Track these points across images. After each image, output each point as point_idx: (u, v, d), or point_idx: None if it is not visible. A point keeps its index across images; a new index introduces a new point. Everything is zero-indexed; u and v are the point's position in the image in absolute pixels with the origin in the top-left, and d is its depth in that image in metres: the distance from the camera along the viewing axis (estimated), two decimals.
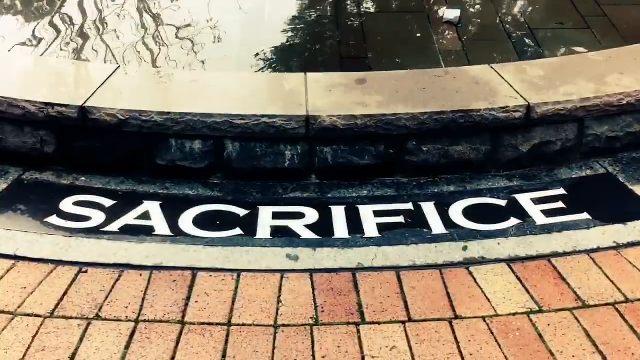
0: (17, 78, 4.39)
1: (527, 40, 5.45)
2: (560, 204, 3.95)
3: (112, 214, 3.85)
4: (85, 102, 4.03)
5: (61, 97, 4.09)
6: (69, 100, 4.06)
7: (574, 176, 4.21)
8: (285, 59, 5.29)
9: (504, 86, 4.25)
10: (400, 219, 3.85)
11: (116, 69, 4.41)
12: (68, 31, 5.54)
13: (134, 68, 4.84)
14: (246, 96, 4.22)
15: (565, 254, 3.57)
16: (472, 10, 6.00)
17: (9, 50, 5.14)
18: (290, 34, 5.69)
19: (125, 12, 5.90)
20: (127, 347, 3.03)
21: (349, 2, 6.12)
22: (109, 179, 4.12)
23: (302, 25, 5.81)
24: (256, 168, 4.12)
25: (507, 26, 5.65)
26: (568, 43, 5.39)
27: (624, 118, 4.28)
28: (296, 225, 3.80)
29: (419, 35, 5.61)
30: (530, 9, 6.03)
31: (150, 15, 5.89)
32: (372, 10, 6.03)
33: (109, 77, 4.30)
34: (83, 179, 4.12)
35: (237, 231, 3.75)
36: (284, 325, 3.14)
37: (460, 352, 3.00)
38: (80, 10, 5.89)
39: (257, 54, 5.30)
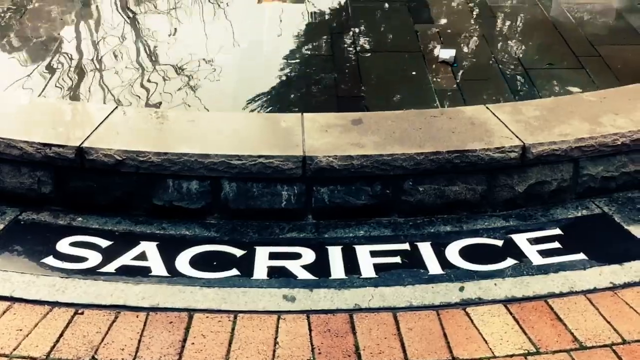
0: (15, 118, 4.40)
1: (521, 80, 5.49)
2: (556, 244, 3.96)
3: (109, 255, 3.84)
4: (82, 143, 4.05)
5: (59, 138, 4.11)
6: (66, 140, 4.08)
7: (569, 216, 4.22)
8: (282, 98, 5.32)
9: (500, 126, 4.28)
10: (397, 259, 3.85)
11: (114, 109, 4.43)
12: (65, 70, 5.57)
13: (132, 108, 4.87)
14: (243, 136, 4.24)
15: (562, 294, 3.58)
16: (467, 50, 6.05)
17: (5, 89, 5.15)
18: (287, 72, 5.73)
19: (123, 50, 5.94)
20: None
21: (345, 41, 6.17)
22: (105, 219, 4.12)
23: (299, 64, 5.85)
24: (253, 208, 4.13)
25: (502, 66, 5.70)
26: (562, 83, 5.44)
27: (618, 158, 4.31)
28: (293, 266, 3.80)
29: (414, 74, 5.64)
30: (525, 48, 6.08)
31: (147, 53, 5.93)
32: (368, 49, 6.07)
33: (106, 118, 4.32)
34: (80, 219, 4.12)
35: (234, 272, 3.75)
36: None
37: None
38: (77, 48, 5.93)
39: (253, 93, 5.34)
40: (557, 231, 4.08)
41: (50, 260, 3.78)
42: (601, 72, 5.52)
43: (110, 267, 3.75)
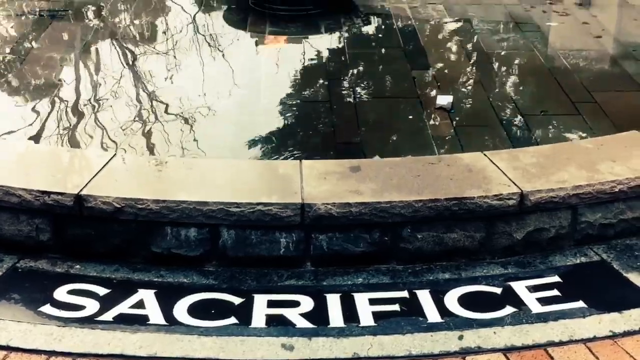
0: (14, 165, 4.41)
1: (518, 126, 5.52)
2: (555, 292, 3.95)
3: (107, 303, 3.83)
4: (81, 190, 4.05)
5: (57, 185, 4.11)
6: (65, 188, 4.08)
7: (568, 263, 4.22)
8: (281, 144, 5.34)
9: (497, 173, 4.29)
10: (395, 307, 3.84)
11: (113, 156, 4.44)
12: (64, 116, 5.60)
13: (130, 155, 4.89)
14: (241, 184, 4.25)
15: (561, 343, 3.56)
16: (464, 96, 6.09)
17: (4, 136, 5.17)
18: (284, 118, 5.76)
19: (122, 94, 5.97)
20: None
21: (342, 87, 6.21)
22: (103, 266, 4.11)
23: (297, 110, 5.88)
24: (251, 255, 4.12)
25: (499, 112, 5.73)
26: (559, 129, 5.47)
27: (616, 205, 4.31)
28: (291, 314, 3.78)
29: (412, 120, 5.67)
30: (521, 94, 6.12)
31: (146, 98, 5.95)
32: (366, 95, 6.11)
33: (105, 164, 4.33)
34: (77, 266, 4.11)
35: (232, 320, 3.73)
36: None
37: None
38: (76, 94, 5.96)
39: (252, 139, 5.36)
40: (556, 278, 4.07)
41: (47, 308, 3.76)
42: (597, 119, 5.56)
43: (108, 316, 3.73)
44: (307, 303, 3.86)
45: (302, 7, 7.71)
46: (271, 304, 3.86)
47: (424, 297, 3.92)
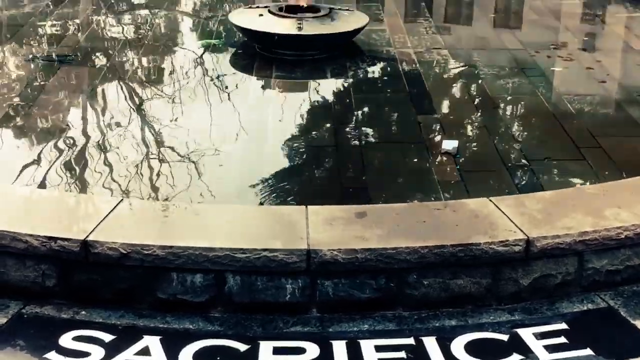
0: (20, 211, 4.43)
1: (523, 171, 5.53)
2: (562, 339, 3.93)
3: (112, 349, 3.81)
4: (87, 236, 4.06)
5: (64, 231, 4.12)
6: (71, 234, 4.10)
7: (575, 310, 4.20)
8: (287, 189, 5.35)
9: (503, 219, 4.30)
10: (402, 355, 3.82)
11: (119, 202, 4.46)
12: (71, 160, 5.62)
13: (137, 200, 4.90)
14: (247, 229, 4.25)
15: None
16: (469, 140, 6.11)
17: (11, 181, 5.20)
18: (291, 162, 5.78)
19: (129, 138, 6.00)
20: None
21: (348, 131, 6.24)
22: (109, 312, 4.11)
23: (303, 154, 5.90)
24: (257, 301, 4.12)
25: (504, 156, 5.75)
26: (564, 174, 5.48)
27: (623, 252, 4.31)
28: None
29: (417, 165, 5.69)
30: (526, 139, 6.14)
31: (153, 142, 5.98)
32: (371, 139, 6.14)
33: (112, 210, 4.34)
34: (83, 312, 4.11)
35: None
36: None
37: None
38: (83, 138, 5.99)
39: (258, 183, 5.37)
40: (563, 325, 4.05)
41: (53, 355, 3.75)
42: (602, 164, 5.57)
43: None
44: (313, 350, 3.85)
45: (308, 52, 7.77)
46: (277, 350, 3.85)
47: (431, 344, 3.90)
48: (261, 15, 7.90)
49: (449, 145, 5.83)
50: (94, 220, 4.25)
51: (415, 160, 5.78)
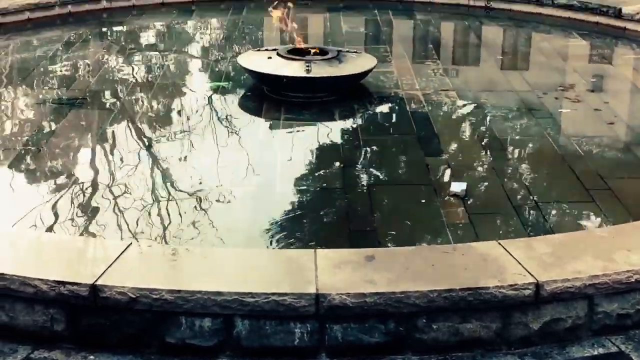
0: (29, 255, 4.44)
1: (532, 214, 5.53)
2: None
3: None
4: (96, 280, 4.06)
5: (73, 275, 4.12)
6: (80, 278, 4.09)
7: (586, 354, 4.16)
8: (295, 231, 5.36)
9: (512, 263, 4.28)
10: None
11: (128, 246, 4.45)
12: (80, 203, 5.65)
13: (146, 244, 4.90)
14: (256, 273, 4.25)
15: None
16: (477, 182, 6.12)
17: (20, 225, 5.22)
18: (299, 205, 5.79)
19: (137, 181, 6.03)
20: None
21: (356, 173, 6.26)
22: (117, 356, 4.09)
23: (311, 197, 5.92)
24: (265, 346, 4.10)
25: (513, 198, 5.75)
26: (573, 216, 5.48)
27: (633, 295, 4.28)
28: None
29: (426, 207, 5.70)
30: (534, 181, 6.15)
31: (162, 184, 6.01)
32: (379, 181, 6.15)
33: (120, 254, 4.34)
34: (92, 357, 4.09)
35: None
36: None
37: None
38: (92, 181, 6.03)
39: (266, 226, 5.39)
40: None
41: None
42: (612, 206, 5.56)
43: None
44: None
45: (316, 94, 7.82)
46: None
47: None
48: (270, 58, 7.96)
49: (458, 187, 5.84)
50: (103, 264, 4.25)
51: (424, 202, 5.79)
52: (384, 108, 7.96)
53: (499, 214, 5.56)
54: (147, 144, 6.87)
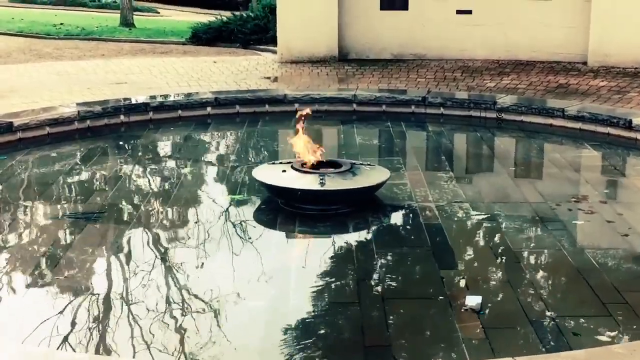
0: None
1: (549, 328, 5.48)
2: None
3: None
4: None
5: None
6: None
7: None
8: (309, 346, 5.32)
9: None
10: None
11: None
12: (93, 317, 5.66)
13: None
14: None
15: None
16: (493, 296, 6.09)
17: (30, 341, 5.21)
18: (313, 319, 5.76)
19: (150, 292, 6.05)
20: None
21: (371, 287, 6.23)
22: None
23: (326, 311, 5.89)
24: None
25: (529, 313, 5.70)
26: (590, 331, 5.41)
27: None
28: None
29: (441, 322, 5.66)
30: (550, 295, 6.11)
31: (177, 297, 6.03)
32: (394, 294, 6.12)
33: None
34: None
35: None
36: None
37: None
38: (106, 294, 6.04)
39: (280, 340, 5.37)
40: None
41: None
42: (629, 320, 5.51)
43: None
44: None
45: (330, 206, 7.88)
46: None
47: None
48: (284, 171, 8.05)
49: (473, 301, 5.81)
50: None
51: (439, 316, 5.75)
52: (397, 220, 7.99)
53: (515, 329, 5.51)
54: (162, 256, 6.89)
